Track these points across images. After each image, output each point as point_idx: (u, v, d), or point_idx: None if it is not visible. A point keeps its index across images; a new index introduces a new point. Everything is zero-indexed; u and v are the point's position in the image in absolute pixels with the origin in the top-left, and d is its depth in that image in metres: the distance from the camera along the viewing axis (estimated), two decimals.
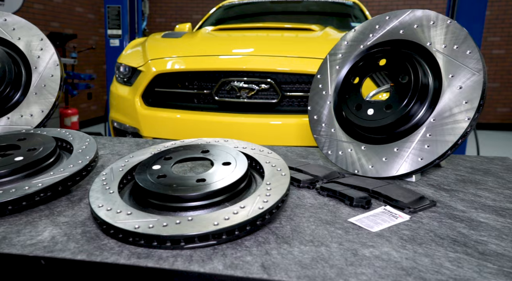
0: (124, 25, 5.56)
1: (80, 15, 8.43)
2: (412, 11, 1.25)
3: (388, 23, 1.31)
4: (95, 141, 1.17)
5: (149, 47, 3.03)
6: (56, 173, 0.98)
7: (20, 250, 0.76)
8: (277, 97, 2.63)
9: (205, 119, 2.65)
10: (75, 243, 0.79)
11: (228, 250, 0.77)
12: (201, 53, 2.84)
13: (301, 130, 2.57)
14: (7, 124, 1.48)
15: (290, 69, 2.60)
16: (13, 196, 0.89)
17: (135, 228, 0.78)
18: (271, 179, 0.94)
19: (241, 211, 0.82)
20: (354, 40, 1.38)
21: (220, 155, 1.04)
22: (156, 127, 2.76)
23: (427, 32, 1.21)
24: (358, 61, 1.32)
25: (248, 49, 2.81)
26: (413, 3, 10.41)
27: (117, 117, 3.06)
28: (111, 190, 0.91)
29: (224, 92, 2.70)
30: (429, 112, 1.16)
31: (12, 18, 1.60)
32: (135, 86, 2.88)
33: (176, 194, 0.87)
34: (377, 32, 1.33)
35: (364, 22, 1.38)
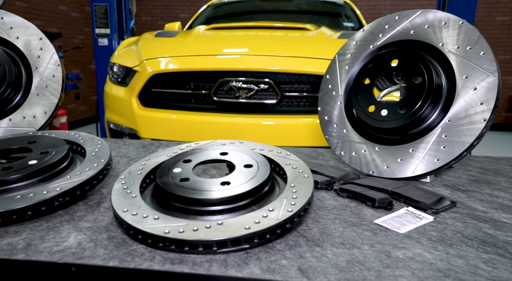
0: (112, 24, 5.51)
1: (64, 13, 8.29)
2: (423, 12, 1.26)
3: (398, 23, 1.31)
4: (107, 143, 1.15)
5: (143, 47, 3.00)
6: (73, 177, 0.96)
7: (48, 257, 0.74)
8: (277, 98, 2.62)
9: (204, 119, 2.63)
10: (104, 249, 0.77)
11: (261, 254, 0.76)
12: (198, 52, 2.82)
13: (301, 130, 2.57)
14: (9, 126, 1.45)
15: (290, 69, 2.59)
16: (32, 201, 0.87)
17: (165, 233, 0.76)
18: (295, 181, 0.93)
19: (271, 214, 0.81)
20: (363, 40, 1.38)
21: (240, 157, 1.03)
22: (155, 128, 2.73)
23: (438, 33, 1.22)
24: (369, 62, 1.32)
25: (247, 48, 2.80)
26: (400, 3, 10.52)
27: (113, 118, 3.02)
28: (133, 194, 0.90)
29: (222, 92, 2.68)
30: (444, 113, 1.17)
31: (8, 17, 1.56)
32: (131, 86, 2.84)
33: (202, 198, 0.85)
34: (387, 32, 1.33)
35: (372, 22, 1.38)
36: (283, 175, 1.02)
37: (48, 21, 7.70)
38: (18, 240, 0.80)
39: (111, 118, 3.07)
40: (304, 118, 2.58)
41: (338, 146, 1.34)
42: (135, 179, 0.96)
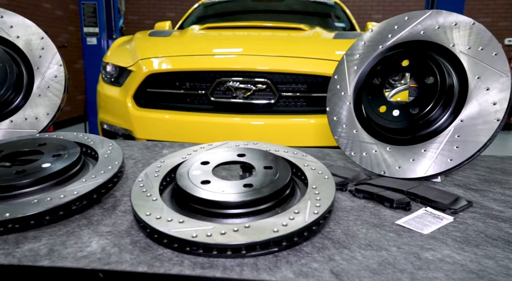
0: (101, 23, 5.45)
1: (48, 11, 8.13)
2: (433, 12, 1.26)
3: (408, 24, 1.31)
4: (118, 145, 1.13)
5: (138, 46, 2.97)
6: (89, 180, 0.94)
7: (74, 263, 0.72)
8: (274, 98, 2.61)
9: (201, 120, 2.61)
10: (129, 254, 0.76)
11: (291, 257, 0.75)
12: (195, 52, 2.80)
13: (300, 130, 2.57)
14: (11, 127, 1.42)
15: (288, 69, 2.59)
16: (50, 206, 0.85)
17: (192, 237, 0.75)
18: (316, 183, 0.92)
19: (297, 217, 0.80)
20: (372, 41, 1.38)
21: (258, 158, 1.02)
22: (150, 129, 2.70)
23: (449, 33, 1.22)
24: (379, 62, 1.32)
25: (244, 48, 2.79)
26: (386, 4, 10.62)
27: (106, 118, 2.98)
28: (153, 197, 0.88)
29: (219, 93, 2.66)
30: (456, 113, 1.17)
31: (8, 15, 1.53)
32: (126, 86, 2.81)
33: (226, 200, 0.84)
34: (396, 32, 1.33)
35: (381, 23, 1.38)
36: (301, 176, 1.01)
37: (31, 19, 7.53)
38: (40, 246, 0.78)
39: (105, 118, 3.03)
40: (302, 118, 2.58)
41: (348, 146, 1.34)
42: (153, 182, 0.94)
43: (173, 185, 1.00)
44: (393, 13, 10.74)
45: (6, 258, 0.73)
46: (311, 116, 2.60)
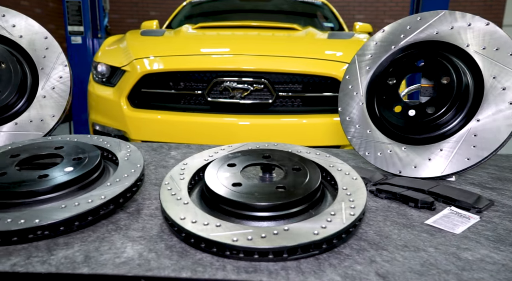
0: (86, 22, 5.34)
1: (26, 9, 7.93)
2: (446, 13, 1.27)
3: (420, 24, 1.32)
4: (136, 148, 1.11)
5: (131, 46, 2.92)
6: (114, 184, 0.92)
7: (115, 270, 0.70)
8: (272, 97, 2.61)
9: (198, 120, 2.59)
10: (168, 259, 0.74)
11: (332, 260, 0.75)
12: (191, 52, 2.77)
13: (299, 130, 2.57)
14: (15, 130, 1.38)
15: (286, 69, 2.58)
16: (79, 211, 0.82)
17: (233, 240, 0.74)
18: (346, 184, 0.92)
19: (334, 219, 0.79)
20: (384, 41, 1.38)
21: (284, 160, 1.01)
22: (146, 130, 2.67)
23: (463, 34, 1.23)
24: (393, 62, 1.33)
25: (241, 48, 2.77)
26: (368, 4, 10.71)
27: (98, 119, 2.93)
28: (184, 200, 0.86)
29: (216, 93, 2.64)
30: (473, 112, 1.18)
31: (11, 14, 1.48)
32: (120, 87, 2.76)
33: (261, 203, 0.83)
34: (409, 33, 1.33)
35: (392, 23, 1.39)
36: (327, 177, 1.01)
37: None
38: (74, 252, 0.76)
39: (97, 119, 2.98)
40: (301, 118, 2.58)
41: (362, 146, 1.34)
42: (180, 185, 0.93)
43: (201, 187, 0.98)
44: (374, 13, 10.86)
45: (42, 266, 0.71)
46: (309, 115, 2.60)
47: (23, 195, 0.86)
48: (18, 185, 0.87)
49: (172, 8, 10.97)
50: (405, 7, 10.88)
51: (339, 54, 2.74)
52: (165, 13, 10.98)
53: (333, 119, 2.60)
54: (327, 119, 2.63)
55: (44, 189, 0.87)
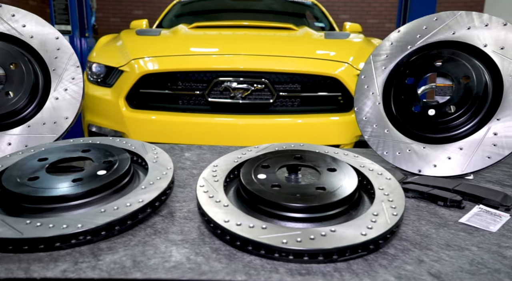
0: (73, 21, 5.26)
1: None
2: (462, 13, 1.29)
3: (437, 24, 1.33)
4: (162, 150, 1.10)
5: (129, 46, 2.89)
6: (148, 187, 0.91)
7: (168, 275, 0.69)
8: (273, 97, 2.61)
9: (198, 121, 2.58)
10: (218, 262, 0.74)
11: (380, 261, 0.75)
12: (191, 52, 2.75)
13: (298, 129, 2.57)
14: (28, 132, 1.35)
15: (287, 69, 2.59)
16: (119, 215, 0.81)
17: (282, 243, 0.74)
18: (381, 184, 0.93)
19: (378, 219, 0.80)
20: (400, 41, 1.39)
21: (316, 160, 1.01)
22: (145, 131, 2.64)
23: (481, 34, 1.25)
24: (411, 62, 1.34)
25: (242, 48, 2.76)
26: (353, 5, 10.81)
27: (94, 120, 2.89)
28: (224, 202, 0.86)
29: (217, 93, 2.63)
30: (492, 111, 1.20)
31: (21, 14, 1.45)
32: (118, 87, 2.72)
33: (306, 205, 0.83)
34: (425, 33, 1.35)
35: (407, 24, 1.40)
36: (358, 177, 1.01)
37: None
38: (120, 257, 0.75)
39: (92, 120, 2.93)
40: (301, 118, 2.59)
41: (379, 146, 1.35)
42: (216, 187, 0.92)
43: (235, 189, 0.98)
44: (359, 13, 10.96)
45: (93, 271, 0.70)
46: (310, 115, 2.61)
47: (59, 200, 0.84)
48: (53, 190, 0.85)
49: (157, 7, 10.89)
50: (388, 7, 11.01)
51: (339, 54, 2.76)
52: (149, 12, 10.88)
53: (333, 119, 2.62)
54: (327, 119, 2.64)
55: (80, 193, 0.86)
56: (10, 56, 1.34)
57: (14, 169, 0.93)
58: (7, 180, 0.88)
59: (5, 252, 0.74)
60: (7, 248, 0.74)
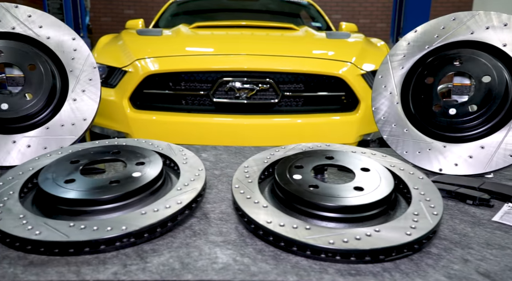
0: (68, 20, 5.22)
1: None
2: (481, 13, 1.30)
3: (455, 24, 1.34)
4: (190, 151, 1.09)
5: (131, 46, 2.87)
6: (184, 188, 0.91)
7: (220, 276, 0.69)
8: (277, 97, 2.61)
9: (204, 121, 2.57)
10: (265, 263, 0.74)
11: (426, 260, 0.76)
12: (196, 52, 2.75)
13: (304, 129, 2.58)
14: (47, 134, 1.33)
15: (292, 69, 2.59)
16: (161, 217, 0.81)
17: (329, 243, 0.74)
18: (416, 184, 0.93)
19: (420, 219, 0.80)
20: (417, 41, 1.40)
21: (349, 160, 1.01)
22: (149, 131, 2.63)
23: (500, 34, 1.26)
24: (429, 62, 1.35)
25: (246, 48, 2.76)
26: (345, 5, 10.86)
27: (97, 121, 2.86)
28: (262, 203, 0.86)
29: (222, 93, 2.62)
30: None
31: (37, 15, 1.43)
32: (121, 88, 2.70)
33: (348, 205, 0.83)
34: (443, 33, 1.36)
35: (424, 24, 1.41)
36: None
37: None
38: (167, 259, 0.74)
39: (95, 121, 2.91)
40: (306, 117, 2.60)
41: (399, 145, 1.36)
42: (251, 188, 0.92)
43: (270, 189, 0.98)
44: (351, 13, 11.02)
45: (144, 273, 0.69)
46: (314, 115, 2.62)
47: (99, 202, 0.84)
48: (92, 192, 0.85)
49: (148, 6, 10.85)
50: (379, 7, 11.09)
51: (343, 53, 2.77)
52: (140, 11, 10.83)
53: (337, 118, 2.64)
54: (331, 118, 2.66)
55: (119, 195, 0.85)
56: (28, 58, 1.33)
57: (48, 171, 0.92)
58: (44, 183, 0.87)
59: (52, 255, 0.74)
60: (53, 251, 0.73)
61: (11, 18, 1.32)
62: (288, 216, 0.82)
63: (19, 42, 1.34)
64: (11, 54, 1.31)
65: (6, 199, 0.83)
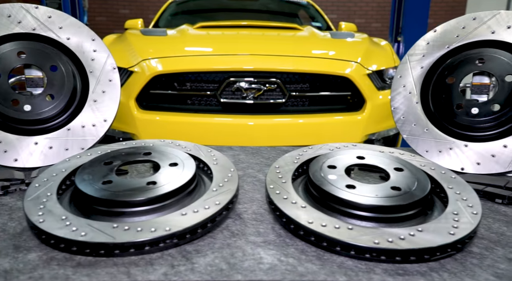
0: None
1: None
2: (503, 13, 1.31)
3: (476, 24, 1.35)
4: (218, 151, 1.09)
5: (137, 46, 2.86)
6: (219, 189, 0.91)
7: (269, 277, 0.69)
8: (284, 97, 2.61)
9: (212, 121, 2.57)
10: (311, 263, 0.74)
11: (471, 259, 0.76)
12: (202, 52, 2.74)
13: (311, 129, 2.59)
14: (68, 136, 1.32)
15: (300, 69, 2.60)
16: (203, 217, 0.81)
17: (374, 243, 0.74)
18: (449, 183, 0.94)
19: (461, 219, 0.81)
20: (437, 41, 1.41)
21: (381, 160, 1.02)
22: (156, 132, 2.62)
23: None
24: (450, 62, 1.36)
25: (253, 48, 2.77)
26: (340, 4, 10.90)
27: None
28: (301, 203, 0.86)
29: (229, 93, 2.62)
30: None
31: (56, 15, 1.41)
32: (127, 88, 2.69)
33: (389, 205, 0.84)
34: (463, 33, 1.36)
35: (444, 24, 1.41)
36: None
37: None
38: (213, 259, 0.74)
39: None
40: (313, 117, 2.61)
41: (419, 144, 1.36)
42: (286, 188, 0.92)
43: (303, 188, 0.98)
44: (346, 13, 11.07)
45: (194, 274, 0.69)
46: (321, 114, 2.64)
47: (139, 204, 0.83)
48: (132, 193, 0.85)
49: (144, 6, 10.82)
50: (374, 7, 11.14)
51: (349, 53, 2.79)
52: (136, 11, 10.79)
53: (343, 118, 2.65)
54: (337, 118, 2.67)
55: (158, 196, 0.85)
56: (50, 59, 1.32)
57: (84, 172, 0.91)
58: (82, 184, 0.86)
59: (97, 256, 0.73)
60: (99, 252, 0.73)
61: (31, 19, 1.31)
62: (328, 216, 0.82)
63: (41, 43, 1.33)
64: (33, 55, 1.30)
65: (45, 200, 0.83)
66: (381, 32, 10.65)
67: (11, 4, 1.30)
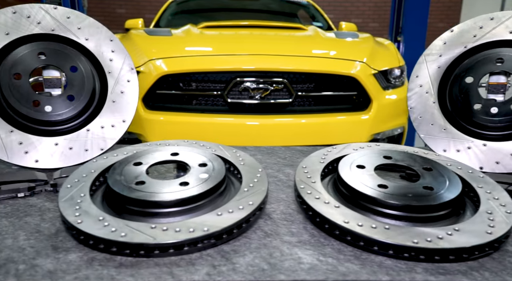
0: None
1: None
2: None
3: (493, 24, 1.36)
4: (242, 151, 1.09)
5: (143, 46, 2.85)
6: (251, 189, 0.91)
7: (313, 276, 0.70)
8: (291, 97, 2.62)
9: (219, 121, 2.57)
10: (350, 263, 0.74)
11: (508, 258, 0.77)
12: (209, 52, 2.74)
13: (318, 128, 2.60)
14: (88, 136, 1.32)
15: (307, 69, 2.60)
16: (238, 218, 0.81)
17: (413, 242, 0.74)
18: (479, 183, 0.95)
19: (496, 218, 0.81)
20: (454, 40, 1.42)
21: (409, 160, 1.02)
22: (163, 132, 2.62)
23: None
24: (468, 61, 1.37)
25: (260, 48, 2.77)
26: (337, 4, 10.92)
27: None
28: (334, 203, 0.86)
29: (236, 93, 2.62)
30: None
31: (75, 16, 1.40)
32: None
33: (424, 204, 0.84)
34: (481, 33, 1.37)
35: (461, 24, 1.42)
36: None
37: None
38: (253, 259, 0.74)
39: None
40: (320, 117, 2.62)
41: (437, 144, 1.37)
42: (317, 188, 0.92)
43: (333, 188, 0.98)
44: (343, 13, 11.08)
45: (236, 274, 0.69)
46: (328, 114, 2.64)
47: (174, 204, 0.83)
48: (166, 194, 0.84)
49: (140, 5, 10.78)
50: (371, 7, 11.17)
51: (355, 53, 2.79)
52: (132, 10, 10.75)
53: (350, 117, 2.66)
54: (344, 117, 2.68)
55: (192, 196, 0.85)
56: (70, 59, 1.32)
57: (115, 173, 0.91)
58: (116, 185, 0.86)
59: (137, 256, 0.73)
60: (139, 252, 0.73)
61: (50, 19, 1.31)
62: (363, 216, 0.82)
63: (60, 44, 1.32)
64: (53, 56, 1.30)
65: (80, 201, 0.83)
66: (378, 32, 10.68)
67: (31, 4, 1.29)
